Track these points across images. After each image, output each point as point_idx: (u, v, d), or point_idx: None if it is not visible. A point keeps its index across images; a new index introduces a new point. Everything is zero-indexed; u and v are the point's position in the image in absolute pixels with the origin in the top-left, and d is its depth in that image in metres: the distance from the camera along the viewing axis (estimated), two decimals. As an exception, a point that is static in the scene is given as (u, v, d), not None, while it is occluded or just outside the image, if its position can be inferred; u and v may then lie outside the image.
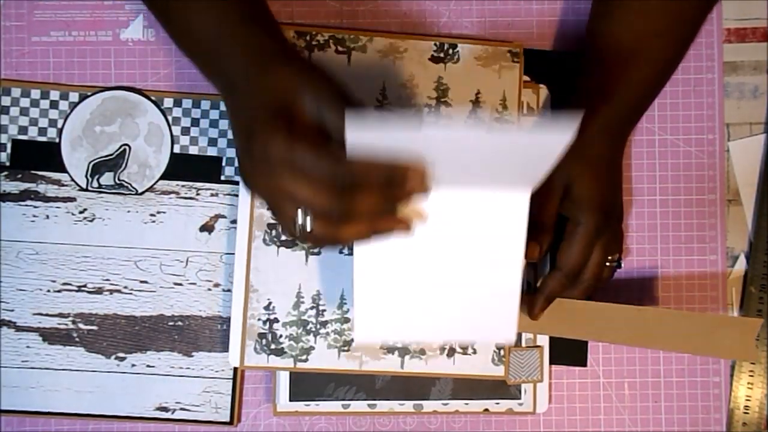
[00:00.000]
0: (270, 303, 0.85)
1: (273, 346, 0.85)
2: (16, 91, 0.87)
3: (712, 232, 0.88)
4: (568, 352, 0.88)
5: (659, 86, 0.83)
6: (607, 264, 0.83)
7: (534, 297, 0.82)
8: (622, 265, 0.86)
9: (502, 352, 0.85)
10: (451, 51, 0.86)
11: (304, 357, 0.85)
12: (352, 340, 0.85)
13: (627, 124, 0.83)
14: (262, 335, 0.85)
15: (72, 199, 0.87)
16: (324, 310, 0.85)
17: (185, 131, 0.87)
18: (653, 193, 0.88)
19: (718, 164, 0.88)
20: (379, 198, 0.68)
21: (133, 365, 0.87)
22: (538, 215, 0.81)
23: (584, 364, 0.88)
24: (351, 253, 0.85)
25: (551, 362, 0.87)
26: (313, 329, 0.85)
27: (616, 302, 0.83)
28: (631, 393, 0.88)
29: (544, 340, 0.86)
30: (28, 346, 0.86)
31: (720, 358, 0.88)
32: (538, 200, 0.80)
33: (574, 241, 0.80)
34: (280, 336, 0.85)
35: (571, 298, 0.82)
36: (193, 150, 0.87)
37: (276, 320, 0.85)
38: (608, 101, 0.80)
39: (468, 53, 0.86)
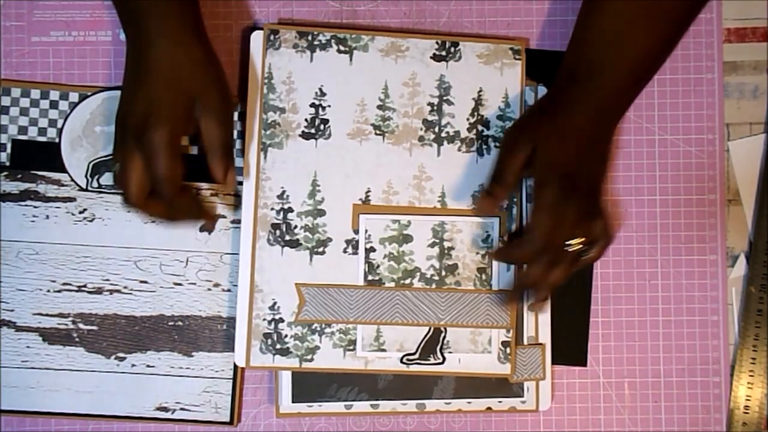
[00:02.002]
0: (275, 303, 0.85)
1: (278, 346, 0.85)
2: (16, 91, 0.87)
3: (712, 232, 0.89)
4: (568, 352, 0.88)
5: (648, 71, 0.82)
6: (571, 243, 0.81)
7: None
8: (593, 254, 0.82)
9: (508, 350, 0.85)
10: (452, 49, 0.86)
11: (309, 357, 0.85)
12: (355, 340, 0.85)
13: (613, 103, 0.81)
14: (267, 335, 0.84)
15: (72, 199, 0.87)
16: (326, 310, 0.85)
17: (185, 131, 0.87)
18: (653, 193, 0.89)
19: (718, 164, 0.88)
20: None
21: (133, 365, 0.87)
22: (498, 169, 0.82)
23: (584, 364, 0.88)
24: (355, 253, 0.85)
25: (551, 362, 0.87)
26: (318, 329, 0.85)
27: (617, 304, 0.83)
28: (631, 393, 0.88)
29: (545, 338, 0.86)
30: (28, 346, 0.86)
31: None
32: (502, 155, 0.82)
33: (537, 203, 0.79)
34: (286, 336, 0.85)
35: (547, 275, 0.81)
36: (193, 150, 0.87)
37: (281, 320, 0.85)
38: (591, 77, 0.80)
39: (470, 51, 0.86)
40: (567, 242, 0.80)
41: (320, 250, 0.85)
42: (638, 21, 0.79)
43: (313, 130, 0.86)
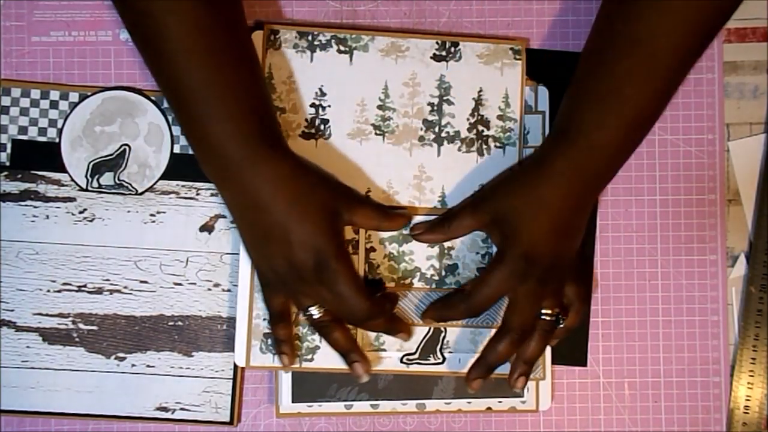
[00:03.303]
0: (275, 302, 0.85)
1: (278, 346, 0.85)
2: (16, 91, 0.87)
3: (712, 232, 0.89)
4: (569, 352, 0.88)
5: (641, 129, 0.79)
6: (542, 316, 0.80)
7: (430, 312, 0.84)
8: (561, 323, 0.82)
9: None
10: (453, 49, 0.86)
11: (309, 356, 0.85)
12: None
13: (602, 166, 0.78)
14: (267, 335, 0.84)
15: (72, 199, 0.87)
16: (326, 310, 0.85)
17: (185, 131, 0.87)
18: (653, 193, 0.89)
19: (718, 164, 0.88)
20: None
21: (133, 365, 0.87)
22: (448, 218, 0.83)
23: (584, 364, 0.88)
24: (355, 253, 0.85)
25: (551, 362, 0.87)
26: (318, 328, 0.85)
27: (617, 304, 0.83)
28: (631, 393, 0.88)
29: (545, 339, 0.86)
30: (28, 346, 0.86)
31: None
32: (459, 209, 0.83)
33: (485, 271, 0.80)
34: (285, 335, 0.85)
35: (497, 351, 0.81)
36: (191, 150, 0.87)
37: (281, 320, 0.85)
38: (583, 133, 0.77)
39: (470, 51, 0.86)
40: (542, 312, 0.80)
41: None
42: (635, 78, 0.75)
43: (313, 130, 0.86)
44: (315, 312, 0.80)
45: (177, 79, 0.75)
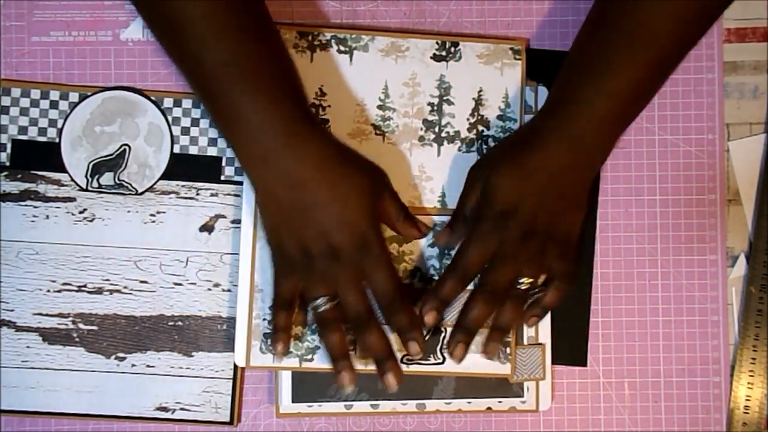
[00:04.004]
0: (275, 303, 0.85)
1: (278, 346, 0.85)
2: (16, 91, 0.87)
3: (712, 232, 0.89)
4: (568, 352, 0.88)
5: (638, 100, 0.79)
6: (519, 285, 0.80)
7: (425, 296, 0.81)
8: (547, 297, 0.82)
9: (508, 350, 0.85)
10: (453, 49, 0.86)
11: (309, 357, 0.85)
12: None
13: (596, 135, 0.78)
14: (267, 335, 0.84)
15: (72, 199, 0.87)
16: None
17: (185, 131, 0.87)
18: (653, 193, 0.89)
19: (718, 164, 0.88)
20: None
21: (133, 365, 0.87)
22: (457, 207, 0.83)
23: (584, 364, 0.88)
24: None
25: (551, 362, 0.87)
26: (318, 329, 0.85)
27: (617, 304, 0.83)
28: (631, 393, 0.88)
29: (545, 338, 0.86)
30: (28, 346, 0.86)
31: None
32: (462, 192, 0.83)
33: (468, 236, 0.79)
34: (285, 335, 0.85)
35: (472, 311, 0.80)
36: (193, 150, 0.87)
37: (281, 320, 0.85)
38: (579, 101, 0.77)
39: (470, 51, 0.86)
40: (519, 280, 0.79)
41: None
42: (628, 51, 0.76)
43: (313, 130, 0.86)
44: (323, 304, 0.79)
45: (209, 61, 0.74)
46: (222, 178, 0.87)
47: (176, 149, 0.87)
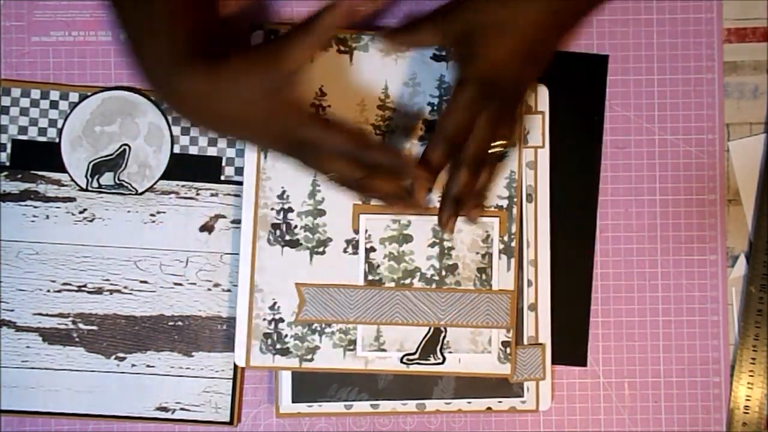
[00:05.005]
0: (275, 303, 0.85)
1: (278, 346, 0.85)
2: (16, 91, 0.87)
3: (712, 232, 0.89)
4: (568, 352, 0.88)
5: None
6: (491, 149, 0.78)
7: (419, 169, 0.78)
8: (507, 155, 0.83)
9: (508, 350, 0.85)
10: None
11: (309, 357, 0.85)
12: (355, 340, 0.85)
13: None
14: (267, 335, 0.85)
15: (72, 199, 0.87)
16: (326, 310, 0.85)
17: (185, 131, 0.87)
18: (653, 193, 0.89)
19: (718, 164, 0.88)
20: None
21: (133, 365, 0.87)
22: (414, 19, 0.80)
23: (584, 364, 0.88)
24: (355, 253, 0.85)
25: (551, 362, 0.87)
26: (318, 328, 0.85)
27: (617, 304, 0.83)
28: (631, 393, 0.88)
29: (545, 338, 0.86)
30: (28, 346, 0.86)
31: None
32: (428, 13, 0.79)
33: (452, 103, 0.76)
34: (286, 336, 0.85)
35: (456, 180, 0.78)
36: (193, 150, 0.87)
37: (281, 320, 0.85)
38: None
39: (470, 51, 0.86)
40: (493, 144, 0.78)
41: (320, 250, 0.85)
42: None
43: (313, 130, 0.86)
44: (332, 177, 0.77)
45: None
46: (222, 178, 0.87)
47: (176, 149, 0.87)
